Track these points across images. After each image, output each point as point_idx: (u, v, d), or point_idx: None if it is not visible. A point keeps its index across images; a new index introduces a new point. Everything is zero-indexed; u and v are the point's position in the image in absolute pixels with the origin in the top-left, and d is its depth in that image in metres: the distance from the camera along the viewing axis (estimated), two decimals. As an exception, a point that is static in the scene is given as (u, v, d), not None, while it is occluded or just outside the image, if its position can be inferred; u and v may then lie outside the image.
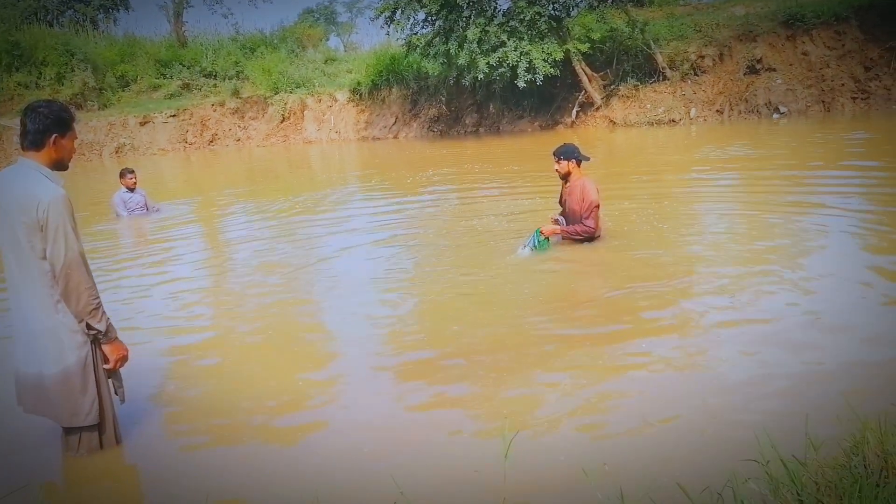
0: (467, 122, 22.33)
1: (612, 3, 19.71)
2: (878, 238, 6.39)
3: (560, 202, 6.78)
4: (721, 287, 5.31)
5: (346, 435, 3.50)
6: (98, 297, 3.18)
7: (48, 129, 3.12)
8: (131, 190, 10.13)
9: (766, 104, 18.16)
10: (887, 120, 15.73)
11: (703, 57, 19.37)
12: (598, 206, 6.44)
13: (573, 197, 6.50)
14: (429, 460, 3.20)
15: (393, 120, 23.40)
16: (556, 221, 6.72)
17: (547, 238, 6.54)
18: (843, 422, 2.72)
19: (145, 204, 10.30)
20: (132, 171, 10.15)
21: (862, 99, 17.51)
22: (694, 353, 4.18)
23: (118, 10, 35.05)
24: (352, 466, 3.18)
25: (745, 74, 18.79)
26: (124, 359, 3.33)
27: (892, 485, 2.24)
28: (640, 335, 4.50)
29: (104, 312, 3.21)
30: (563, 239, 6.61)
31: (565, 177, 6.57)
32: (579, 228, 6.47)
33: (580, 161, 6.50)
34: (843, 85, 17.80)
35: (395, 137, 22.82)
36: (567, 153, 6.47)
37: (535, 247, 6.50)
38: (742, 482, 2.30)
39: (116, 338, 3.29)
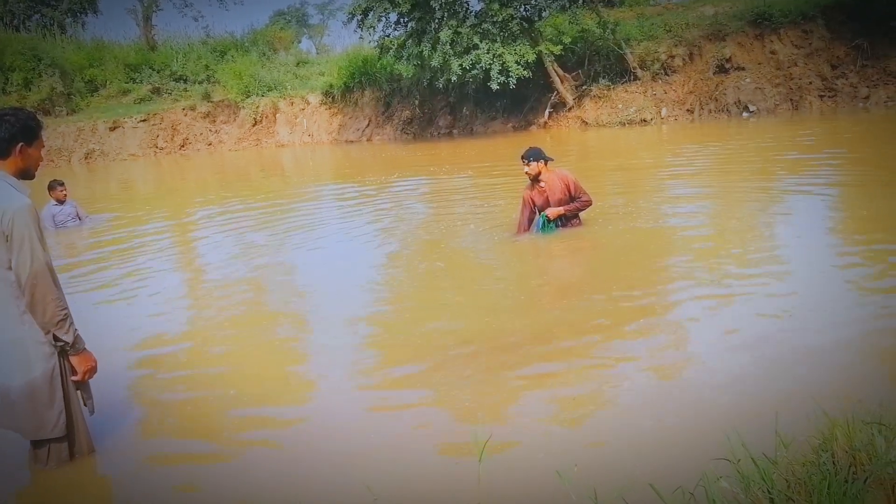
0: (441, 123, 22.34)
1: (583, 3, 19.82)
2: (852, 233, 6.49)
3: (529, 212, 6.97)
4: (695, 284, 5.36)
5: (321, 442, 3.48)
6: (66, 308, 3.12)
7: (14, 137, 3.08)
8: (61, 202, 9.98)
9: (735, 103, 18.38)
10: (853, 116, 15.97)
11: (673, 57, 19.56)
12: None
13: (554, 189, 6.83)
14: (402, 465, 3.19)
15: (366, 122, 23.35)
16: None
17: (552, 221, 6.84)
18: (811, 420, 2.75)
19: (77, 214, 10.13)
20: (62, 184, 10.00)
21: (829, 97, 17.77)
22: (665, 354, 4.21)
23: (86, 14, 34.50)
24: (325, 473, 3.17)
25: (714, 74, 19.00)
26: (93, 370, 3.27)
27: (860, 481, 2.27)
28: (612, 335, 4.52)
29: (72, 324, 3.15)
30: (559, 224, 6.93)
31: (536, 177, 6.83)
32: (578, 205, 6.88)
33: (546, 161, 6.82)
34: (810, 83, 18.06)
35: (369, 140, 22.77)
36: (535, 155, 6.79)
37: (541, 229, 6.85)
38: (714, 481, 2.32)
39: (84, 349, 3.23)
